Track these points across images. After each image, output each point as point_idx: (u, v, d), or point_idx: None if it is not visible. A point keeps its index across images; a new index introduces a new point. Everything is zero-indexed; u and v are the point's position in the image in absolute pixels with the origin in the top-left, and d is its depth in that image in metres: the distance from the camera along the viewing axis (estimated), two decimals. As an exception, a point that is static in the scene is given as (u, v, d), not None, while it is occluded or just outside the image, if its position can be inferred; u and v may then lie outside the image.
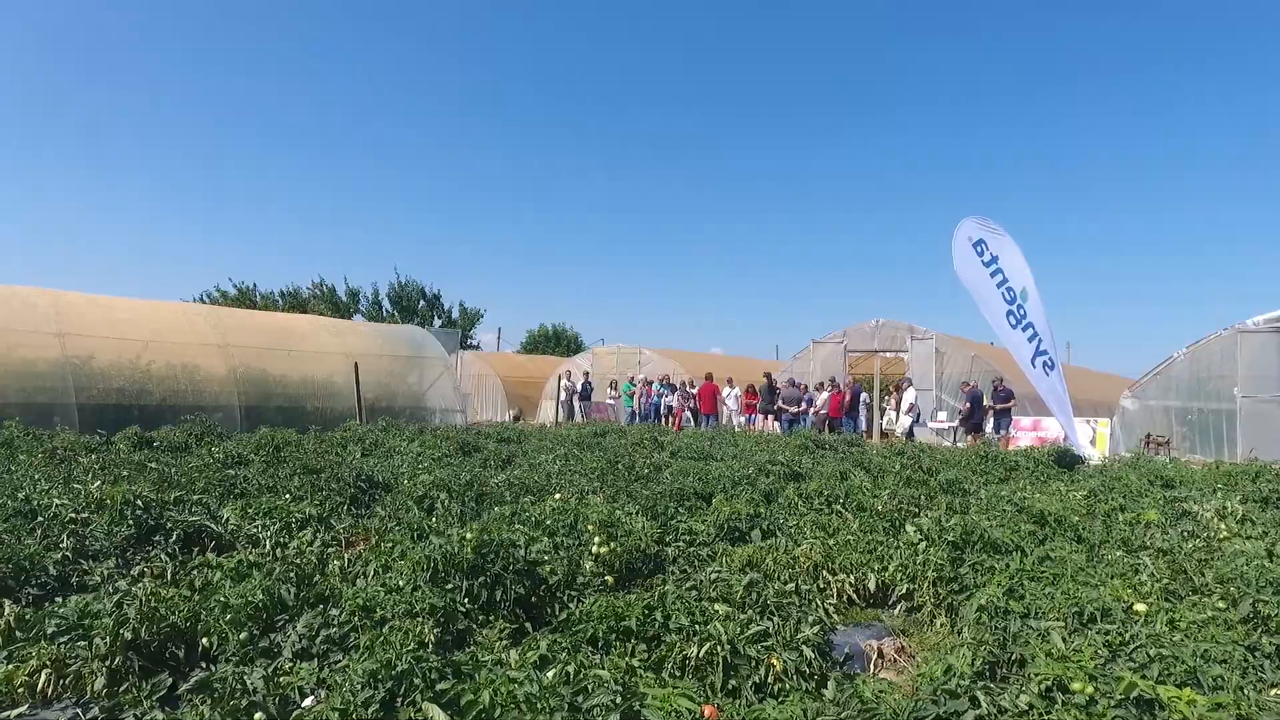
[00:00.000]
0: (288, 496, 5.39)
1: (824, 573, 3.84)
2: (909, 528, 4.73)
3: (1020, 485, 8.00)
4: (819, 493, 6.94)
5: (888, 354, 21.03)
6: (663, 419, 20.94)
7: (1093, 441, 16.17)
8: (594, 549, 4.29)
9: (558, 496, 6.23)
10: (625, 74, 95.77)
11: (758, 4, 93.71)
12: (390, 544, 3.82)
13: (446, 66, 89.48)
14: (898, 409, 16.79)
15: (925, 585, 3.75)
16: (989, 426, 16.70)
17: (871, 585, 3.79)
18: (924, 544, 4.19)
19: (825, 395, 18.09)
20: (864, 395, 19.40)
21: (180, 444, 9.43)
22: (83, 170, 71.99)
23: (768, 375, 18.09)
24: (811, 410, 18.06)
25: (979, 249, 10.38)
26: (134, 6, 71.51)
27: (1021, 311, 10.59)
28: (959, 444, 18.30)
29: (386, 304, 26.01)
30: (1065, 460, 11.09)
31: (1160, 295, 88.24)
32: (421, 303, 25.73)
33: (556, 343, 48.13)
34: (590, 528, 4.61)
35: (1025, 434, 17.24)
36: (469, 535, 3.53)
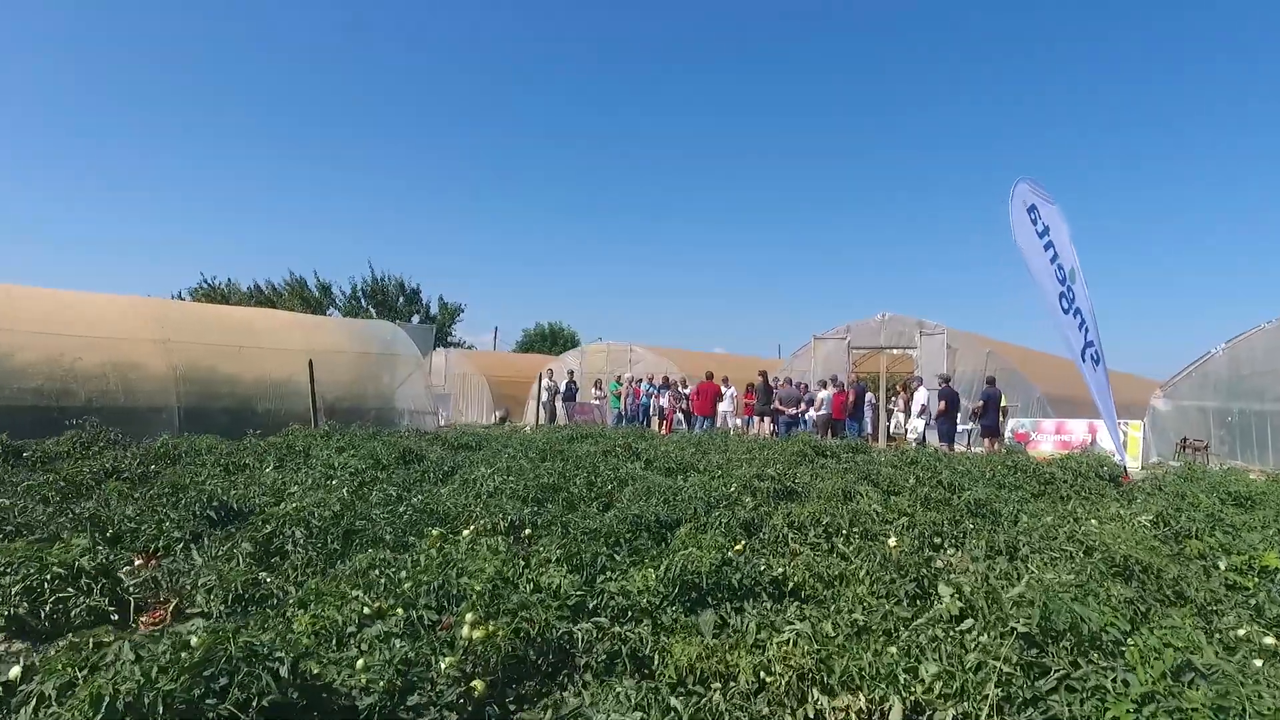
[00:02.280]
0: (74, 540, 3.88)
1: (814, 690, 2.34)
2: (943, 590, 3.21)
3: (1068, 506, 6.46)
4: (816, 520, 5.42)
5: (894, 351, 19.47)
6: (651, 421, 19.42)
7: (1124, 446, 14.61)
8: (464, 631, 2.79)
9: (469, 530, 4.73)
10: (625, 71, 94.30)
11: (759, 4, 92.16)
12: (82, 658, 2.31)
13: (446, 67, 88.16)
14: (907, 410, 15.23)
15: (984, 712, 2.25)
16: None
17: (896, 715, 2.29)
18: (974, 628, 2.68)
19: (827, 394, 16.54)
20: (869, 395, 17.86)
21: (59, 454, 7.95)
22: (61, 171, 70.67)
23: (763, 374, 16.56)
24: (811, 411, 16.51)
25: (1033, 215, 8.80)
26: (115, 6, 70.21)
27: (1071, 295, 9.02)
28: (974, 449, 16.76)
29: (363, 299, 24.54)
30: (1106, 470, 9.56)
31: (1173, 290, 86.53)
32: (400, 299, 24.22)
33: (553, 341, 46.67)
34: (475, 591, 3.11)
35: (1047, 437, 15.71)
36: (195, 640, 2.03)
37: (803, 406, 16.21)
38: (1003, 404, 14.98)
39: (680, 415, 19.21)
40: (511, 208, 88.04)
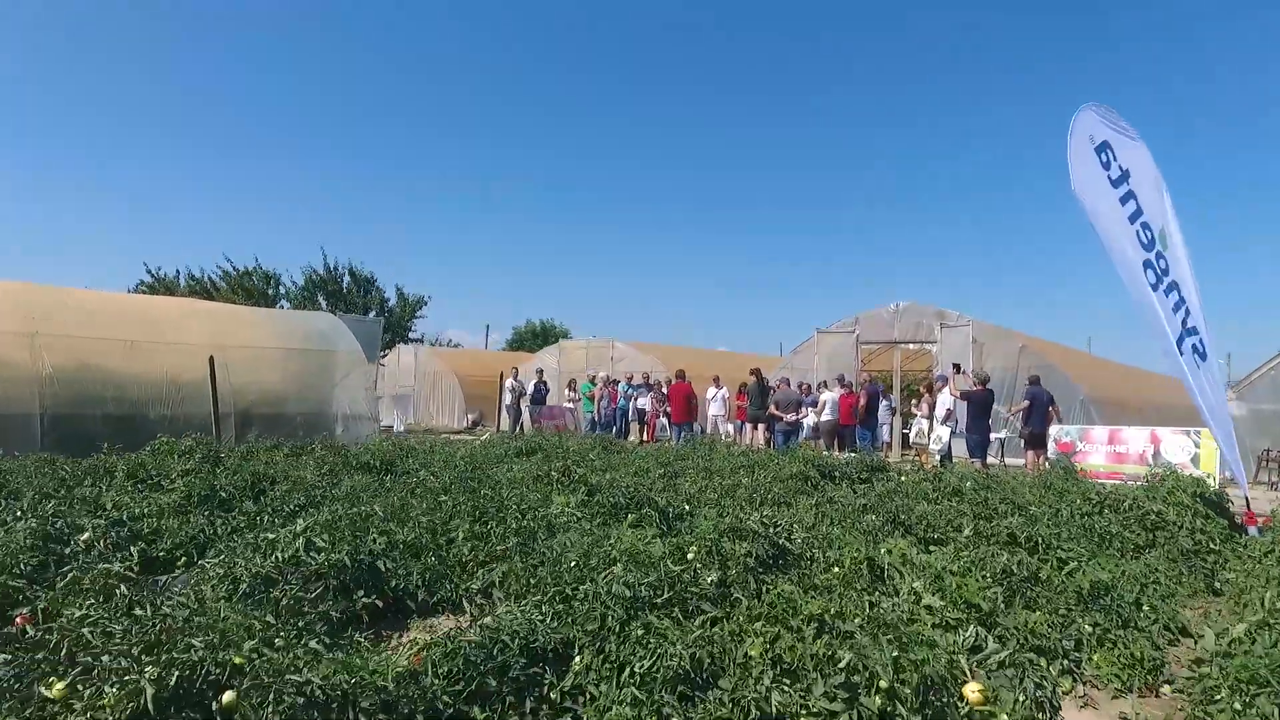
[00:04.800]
0: None
1: None
2: None
3: (1263, 599, 3.87)
4: (826, 646, 2.86)
5: (911, 345, 16.90)
6: (628, 426, 16.90)
7: (1194, 460, 12.05)
8: None
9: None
10: (623, 63, 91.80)
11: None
12: None
13: (441, 65, 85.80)
14: (931, 416, 12.66)
15: None
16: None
17: None
18: None
19: (832, 396, 13.97)
20: (886, 401, 15.29)
21: None
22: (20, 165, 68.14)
23: (756, 372, 13.99)
24: (813, 416, 13.94)
25: (1104, 156, 6.26)
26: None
27: (1162, 265, 6.48)
28: (1007, 460, 14.20)
29: (317, 291, 21.97)
30: (1213, 501, 7.01)
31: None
32: (355, 290, 21.64)
33: (545, 339, 44.21)
34: None
35: (1097, 448, 13.13)
36: None
37: (804, 411, 13.64)
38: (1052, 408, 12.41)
39: (664, 420, 16.69)
40: (508, 205, 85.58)
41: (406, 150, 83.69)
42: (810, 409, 14.24)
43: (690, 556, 4.20)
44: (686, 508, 6.54)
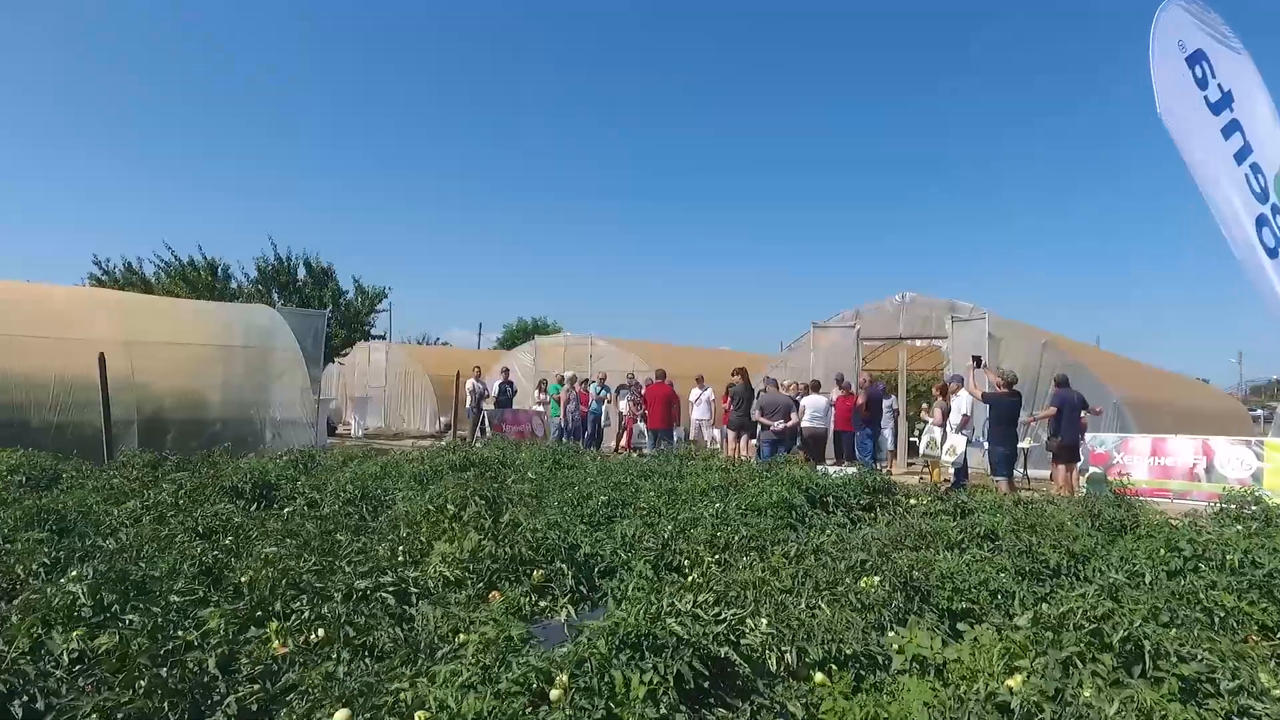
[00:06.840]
0: None
1: None
2: None
3: None
4: None
5: (918, 342, 15.09)
6: (602, 432, 15.10)
7: (1256, 475, 10.22)
8: None
9: None
10: (618, 57, 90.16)
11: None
12: None
13: (436, 55, 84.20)
14: (944, 422, 10.83)
15: None
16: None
17: None
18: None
19: (816, 401, 12.05)
20: (889, 400, 13.47)
21: None
22: None
23: (741, 372, 12.12)
24: (805, 421, 12.07)
25: (1199, 70, 4.50)
26: None
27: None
28: (1030, 474, 12.40)
29: (272, 285, 20.17)
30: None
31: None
32: (311, 283, 19.81)
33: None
34: None
35: (1139, 460, 11.28)
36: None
37: (794, 419, 11.78)
38: (1085, 413, 10.61)
39: (641, 425, 14.89)
40: (509, 206, 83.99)
41: (405, 151, 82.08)
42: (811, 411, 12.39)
43: (555, 696, 2.40)
44: (622, 555, 4.80)
